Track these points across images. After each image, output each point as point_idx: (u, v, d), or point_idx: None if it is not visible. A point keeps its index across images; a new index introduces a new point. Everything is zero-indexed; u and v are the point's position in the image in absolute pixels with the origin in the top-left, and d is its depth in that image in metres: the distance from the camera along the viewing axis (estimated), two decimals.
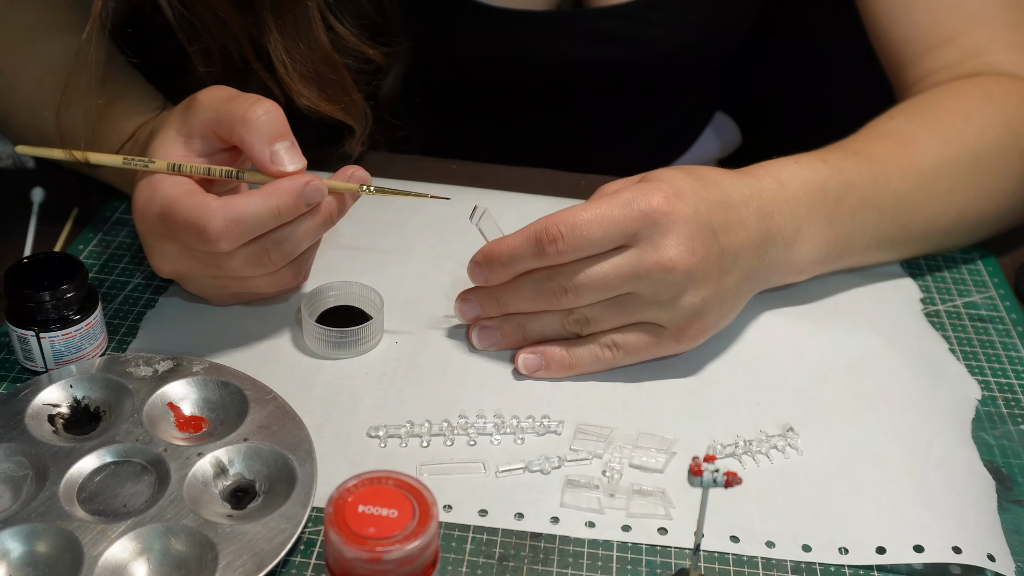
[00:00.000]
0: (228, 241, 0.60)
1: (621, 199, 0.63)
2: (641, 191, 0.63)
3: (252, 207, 0.60)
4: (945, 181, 0.75)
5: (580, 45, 0.91)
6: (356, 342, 0.69)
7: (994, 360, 0.73)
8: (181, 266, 0.65)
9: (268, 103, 0.62)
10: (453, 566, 0.56)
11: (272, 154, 0.61)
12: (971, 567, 0.58)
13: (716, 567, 0.57)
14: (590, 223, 0.62)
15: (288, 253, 0.63)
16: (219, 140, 0.64)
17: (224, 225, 0.60)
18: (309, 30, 0.72)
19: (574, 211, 0.62)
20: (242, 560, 0.54)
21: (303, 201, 0.61)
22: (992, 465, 0.64)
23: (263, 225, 0.61)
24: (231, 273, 0.64)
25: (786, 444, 0.64)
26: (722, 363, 0.70)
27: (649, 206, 0.62)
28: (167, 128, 0.65)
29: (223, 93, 0.63)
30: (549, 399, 0.66)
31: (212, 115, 0.62)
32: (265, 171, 0.62)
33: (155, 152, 0.64)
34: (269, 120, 0.61)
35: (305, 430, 0.62)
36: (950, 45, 0.83)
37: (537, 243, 0.62)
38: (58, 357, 0.65)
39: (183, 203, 0.61)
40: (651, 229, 0.62)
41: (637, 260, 0.63)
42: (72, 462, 0.59)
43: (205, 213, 0.60)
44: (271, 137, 0.61)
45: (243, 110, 0.61)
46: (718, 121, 1.14)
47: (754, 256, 0.68)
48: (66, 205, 0.82)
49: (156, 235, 0.64)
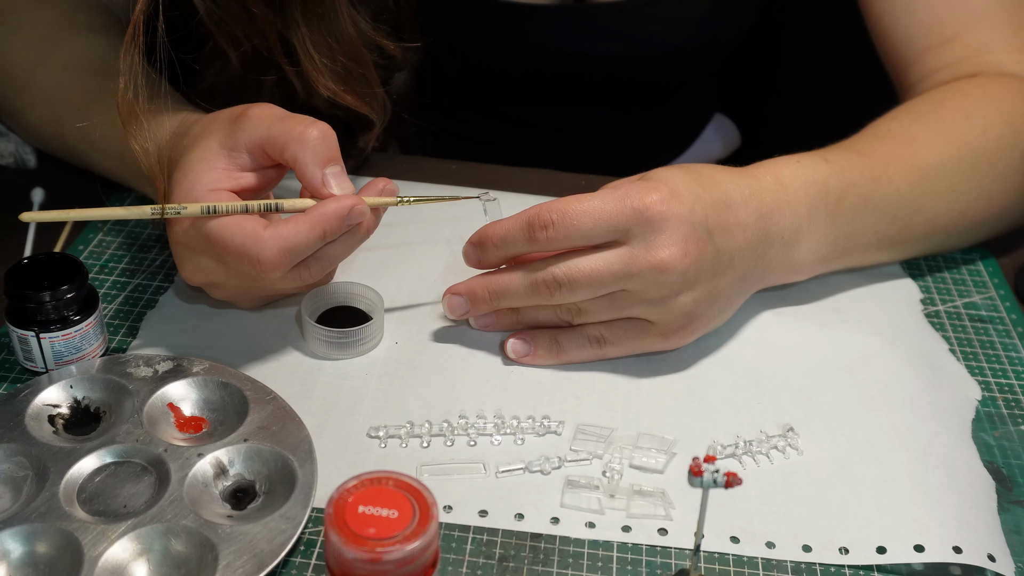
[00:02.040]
0: (280, 270, 0.61)
1: (616, 194, 0.63)
2: (637, 188, 0.63)
3: (303, 235, 0.60)
4: (947, 181, 0.75)
5: (581, 40, 0.91)
6: (356, 343, 0.69)
7: (994, 360, 0.73)
8: (216, 278, 0.66)
9: (323, 125, 0.62)
10: (453, 567, 0.56)
11: (324, 177, 0.62)
12: (971, 567, 0.58)
13: (716, 567, 0.57)
14: (582, 214, 0.62)
15: (326, 267, 0.64)
16: (266, 157, 0.64)
17: (277, 255, 0.60)
18: (336, 25, 0.72)
19: (569, 200, 0.63)
20: (242, 561, 0.54)
21: (347, 224, 0.62)
22: (992, 465, 0.64)
23: (311, 250, 0.62)
24: (270, 288, 0.66)
25: (786, 444, 0.64)
26: (722, 363, 0.70)
27: (643, 203, 0.62)
28: (209, 139, 0.64)
29: (275, 112, 0.64)
30: (549, 400, 0.66)
31: (264, 132, 0.62)
32: (316, 193, 0.63)
33: (195, 164, 0.63)
34: (323, 143, 0.62)
35: (305, 431, 0.62)
36: (952, 44, 0.83)
37: (529, 227, 0.64)
38: (58, 357, 0.65)
39: (233, 230, 0.61)
40: (644, 227, 0.63)
41: (630, 258, 0.63)
42: (72, 462, 0.59)
43: (257, 243, 0.60)
44: (324, 160, 0.62)
45: (300, 131, 0.62)
46: (718, 122, 1.14)
47: (751, 257, 0.68)
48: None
49: (195, 250, 0.64)
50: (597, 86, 0.97)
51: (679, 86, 1.03)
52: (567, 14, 0.91)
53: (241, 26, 0.73)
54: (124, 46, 0.64)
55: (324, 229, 0.61)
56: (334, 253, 0.64)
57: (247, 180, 0.64)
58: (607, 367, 0.69)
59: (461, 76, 0.94)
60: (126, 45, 0.64)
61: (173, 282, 0.74)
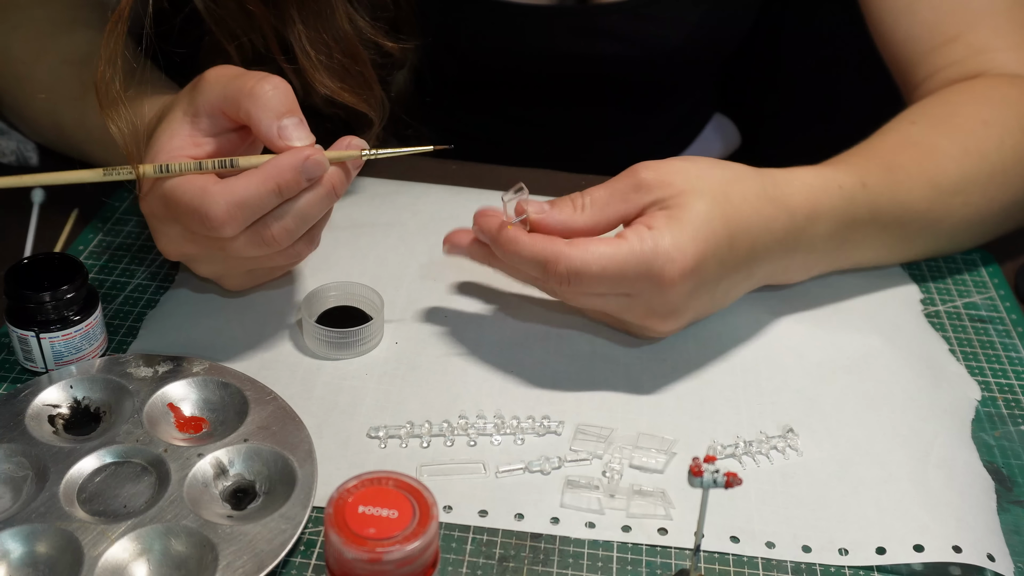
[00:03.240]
0: (231, 226, 0.59)
1: (639, 262, 0.61)
2: (661, 258, 0.61)
3: (253, 188, 0.58)
4: (962, 196, 0.75)
5: (580, 40, 0.91)
6: (356, 343, 0.68)
7: (994, 361, 0.73)
8: (187, 248, 0.64)
9: (276, 79, 0.60)
10: (453, 567, 0.56)
11: (280, 129, 0.59)
12: (971, 567, 0.58)
13: (716, 567, 0.57)
14: (599, 281, 0.61)
15: (292, 230, 0.61)
16: (226, 119, 0.62)
17: (226, 210, 0.58)
18: (333, 22, 0.72)
19: (588, 258, 0.61)
20: (242, 561, 0.54)
21: (304, 176, 0.59)
22: (992, 466, 0.64)
23: (265, 205, 0.59)
24: (236, 254, 0.63)
25: (786, 445, 0.64)
26: (722, 363, 0.70)
27: (663, 282, 0.61)
28: (175, 109, 0.63)
29: (230, 71, 0.62)
30: (549, 400, 0.66)
31: (219, 92, 0.61)
32: (272, 146, 0.60)
33: (161, 135, 0.62)
34: (277, 95, 0.59)
35: (305, 431, 0.62)
36: (956, 42, 0.83)
37: (543, 272, 0.62)
38: (58, 358, 0.65)
39: (184, 187, 0.59)
40: (654, 296, 0.63)
41: (627, 308, 0.65)
42: (72, 463, 0.59)
43: (206, 198, 0.58)
44: (279, 112, 0.59)
45: (251, 85, 0.60)
46: (717, 121, 1.14)
47: (743, 284, 0.69)
48: (66, 205, 0.82)
49: (160, 217, 0.63)
50: (596, 86, 0.97)
51: (678, 86, 1.03)
52: (566, 14, 0.91)
53: (239, 23, 0.73)
54: (106, 33, 0.63)
55: (277, 182, 0.58)
56: (297, 213, 0.61)
57: (209, 146, 0.62)
58: (607, 367, 0.69)
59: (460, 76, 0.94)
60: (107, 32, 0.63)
61: (173, 282, 0.74)
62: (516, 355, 0.70)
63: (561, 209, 0.64)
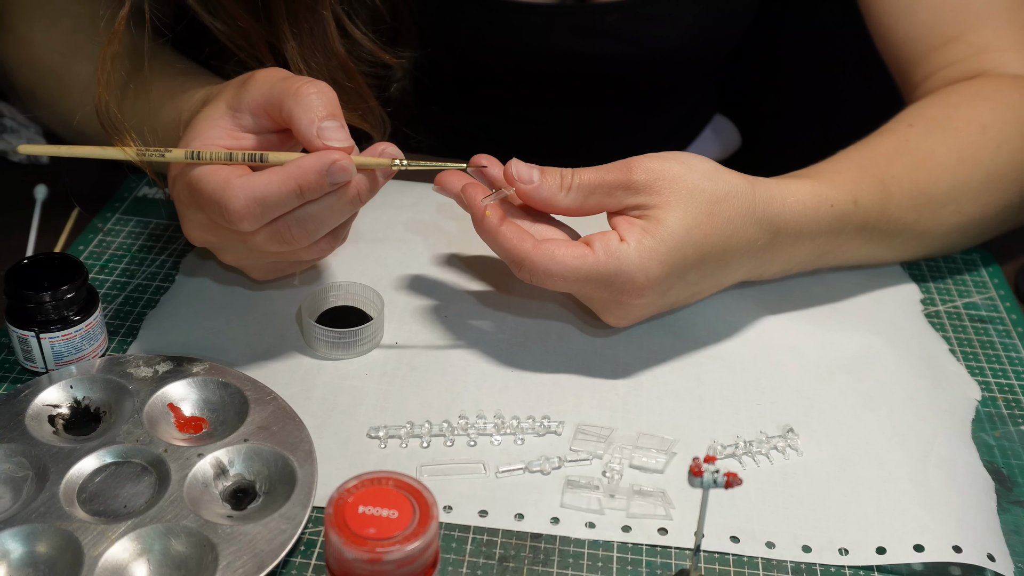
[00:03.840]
0: (249, 221, 0.59)
1: (602, 278, 0.62)
2: (623, 277, 0.62)
3: (274, 186, 0.58)
4: (953, 204, 0.75)
5: (579, 40, 0.91)
6: (357, 343, 0.69)
7: (994, 361, 0.73)
8: (210, 236, 0.64)
9: (321, 83, 0.60)
10: (453, 567, 0.56)
11: (320, 130, 0.59)
12: (971, 567, 0.58)
13: (716, 567, 0.57)
14: (564, 285, 0.63)
15: (312, 232, 0.61)
16: (269, 119, 0.62)
17: (245, 204, 0.58)
18: (324, 38, 0.72)
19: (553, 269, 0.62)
20: (242, 561, 0.54)
21: (328, 180, 0.58)
22: (992, 466, 0.64)
23: (285, 204, 0.59)
24: (257, 248, 0.63)
25: (786, 445, 0.64)
26: (722, 363, 0.70)
27: (621, 294, 0.63)
28: (218, 101, 0.63)
29: (278, 73, 0.62)
30: (549, 400, 0.66)
31: (265, 91, 0.61)
32: (310, 147, 0.59)
33: (199, 123, 0.63)
34: (320, 98, 0.59)
35: (305, 431, 0.62)
36: (956, 42, 0.83)
37: (513, 266, 0.63)
38: (58, 358, 0.65)
39: (209, 177, 0.60)
40: (610, 300, 0.65)
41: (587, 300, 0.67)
42: (72, 463, 0.59)
43: (227, 190, 0.58)
44: (320, 114, 0.59)
45: (296, 87, 0.60)
46: (717, 122, 1.14)
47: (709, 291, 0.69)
48: (67, 205, 0.82)
49: (186, 203, 0.63)
50: (595, 86, 0.97)
51: (678, 86, 1.03)
52: (565, 13, 0.91)
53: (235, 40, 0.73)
54: (100, 58, 0.64)
55: (299, 183, 0.58)
56: (319, 215, 0.60)
57: (247, 141, 0.63)
58: (607, 367, 0.69)
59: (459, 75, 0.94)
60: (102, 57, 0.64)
61: (173, 282, 0.74)
62: (516, 355, 0.70)
63: (548, 183, 0.64)
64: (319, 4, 0.71)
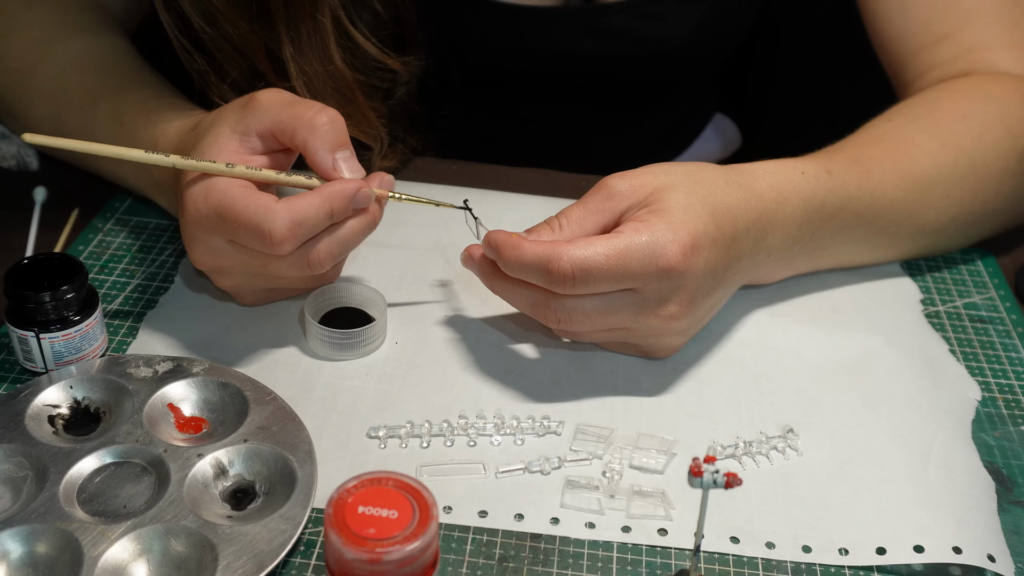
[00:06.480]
0: (291, 243, 0.61)
1: (640, 250, 0.60)
2: (660, 243, 0.61)
3: (313, 209, 0.61)
4: (941, 187, 0.75)
5: (583, 40, 0.91)
6: (360, 343, 0.68)
7: (994, 361, 0.73)
8: (224, 261, 0.65)
9: (332, 112, 0.63)
10: (453, 567, 0.56)
11: (335, 161, 0.64)
12: (971, 567, 0.58)
13: (716, 568, 0.57)
14: (604, 273, 0.60)
15: (335, 254, 0.64)
16: (276, 142, 0.65)
17: (288, 227, 0.60)
18: (322, 45, 0.73)
19: (589, 253, 0.60)
20: (242, 561, 0.54)
21: (353, 205, 0.63)
22: (992, 466, 0.64)
23: (319, 226, 0.62)
24: (276, 273, 0.65)
25: (786, 445, 0.64)
26: (722, 364, 0.70)
27: (668, 264, 0.61)
28: (220, 125, 0.65)
29: (283, 97, 0.64)
30: (549, 400, 0.66)
31: (274, 117, 0.63)
32: (326, 176, 0.64)
33: (208, 147, 0.64)
34: (333, 129, 0.63)
35: (305, 431, 0.62)
36: (947, 41, 0.83)
37: (547, 273, 0.61)
38: (58, 358, 0.65)
39: (245, 202, 0.61)
40: (663, 283, 0.62)
41: (638, 310, 0.63)
42: (72, 463, 0.59)
43: (268, 215, 0.60)
44: (334, 145, 0.63)
45: (309, 117, 0.63)
46: (718, 122, 1.14)
47: (737, 279, 0.69)
48: (67, 204, 0.82)
49: (206, 229, 0.63)
50: (598, 86, 0.97)
51: (680, 85, 1.03)
52: (569, 15, 0.91)
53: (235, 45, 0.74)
54: None
55: (332, 206, 0.62)
56: (342, 237, 0.64)
57: (259, 163, 0.65)
58: (607, 367, 0.69)
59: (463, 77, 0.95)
60: None
61: (173, 282, 0.74)
62: (516, 355, 0.70)
63: (540, 234, 0.64)
64: (317, 10, 0.72)
